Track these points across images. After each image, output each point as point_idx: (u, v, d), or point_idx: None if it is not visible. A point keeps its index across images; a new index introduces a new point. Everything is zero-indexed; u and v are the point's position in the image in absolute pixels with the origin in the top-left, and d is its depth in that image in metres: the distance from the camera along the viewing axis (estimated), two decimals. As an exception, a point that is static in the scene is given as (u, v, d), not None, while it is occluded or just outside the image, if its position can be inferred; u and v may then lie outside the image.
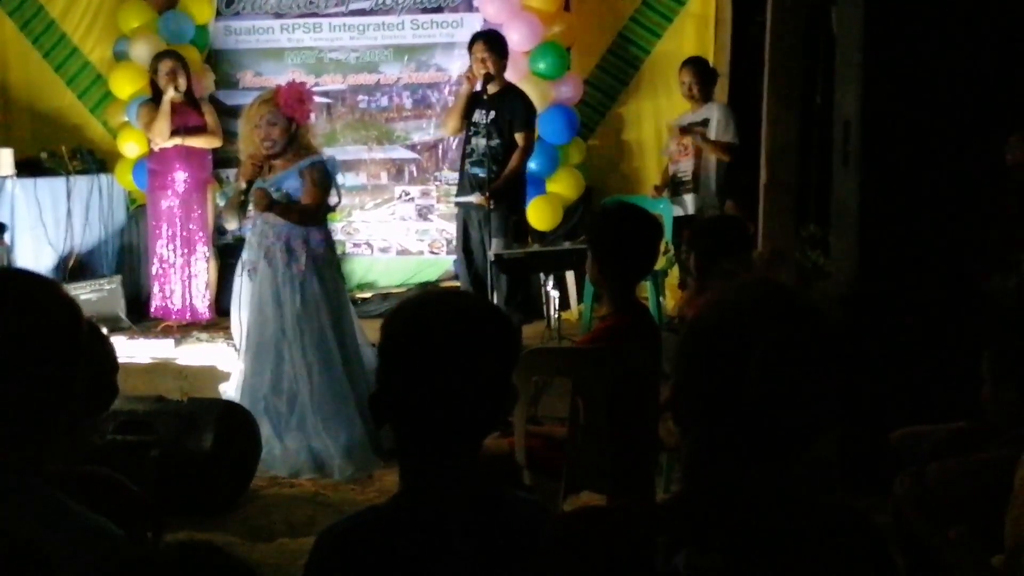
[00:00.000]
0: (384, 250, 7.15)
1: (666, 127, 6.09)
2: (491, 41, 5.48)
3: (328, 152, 5.15)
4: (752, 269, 3.12)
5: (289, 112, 4.55)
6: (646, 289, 5.40)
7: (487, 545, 1.33)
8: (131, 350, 5.72)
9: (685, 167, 5.87)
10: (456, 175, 6.82)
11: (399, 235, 7.12)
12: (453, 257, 6.86)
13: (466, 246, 5.64)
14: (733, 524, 1.18)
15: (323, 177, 4.60)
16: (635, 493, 2.83)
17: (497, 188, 5.34)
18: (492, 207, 5.34)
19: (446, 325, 1.38)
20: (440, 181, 7.04)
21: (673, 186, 5.95)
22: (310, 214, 4.58)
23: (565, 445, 2.84)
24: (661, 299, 5.59)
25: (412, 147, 7.09)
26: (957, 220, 3.78)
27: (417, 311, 1.42)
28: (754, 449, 1.19)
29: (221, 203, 6.22)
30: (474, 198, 5.42)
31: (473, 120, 5.47)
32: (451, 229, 6.83)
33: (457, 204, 5.76)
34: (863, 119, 3.69)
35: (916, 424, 3.00)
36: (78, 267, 6.61)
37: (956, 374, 3.09)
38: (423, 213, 7.10)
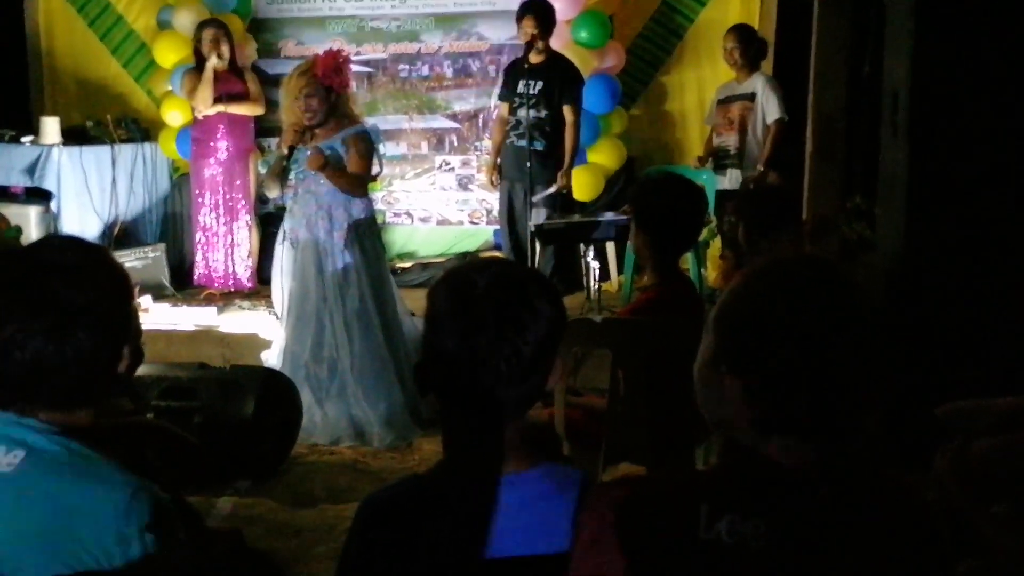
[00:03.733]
0: (424, 220, 7.15)
1: (716, 94, 5.98)
2: (541, 15, 5.42)
3: (372, 122, 5.15)
4: (799, 241, 3.08)
5: (327, 81, 4.55)
6: (687, 261, 5.36)
7: (531, 515, 1.33)
8: (174, 317, 5.79)
9: (729, 141, 5.77)
10: (497, 145, 6.82)
11: (439, 205, 7.12)
12: (493, 227, 6.86)
13: (510, 217, 5.62)
14: (775, 492, 1.18)
15: (367, 146, 4.61)
16: (674, 465, 2.82)
17: (569, 170, 5.35)
18: (566, 187, 5.34)
19: (493, 293, 1.37)
20: (481, 151, 7.01)
21: (717, 159, 5.87)
22: (357, 182, 4.61)
23: (605, 416, 2.84)
24: (703, 270, 5.54)
25: (453, 116, 7.07)
26: (1007, 193, 3.69)
27: (464, 279, 1.41)
28: (788, 424, 1.19)
29: (263, 171, 6.26)
30: (552, 189, 5.38)
31: (518, 91, 5.41)
32: (491, 199, 6.82)
33: (501, 175, 5.72)
34: (913, 88, 3.61)
35: (962, 399, 2.95)
36: (123, 235, 6.68)
37: (1003, 349, 3.04)
38: (463, 183, 7.09)
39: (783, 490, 1.18)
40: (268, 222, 6.59)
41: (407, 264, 6.85)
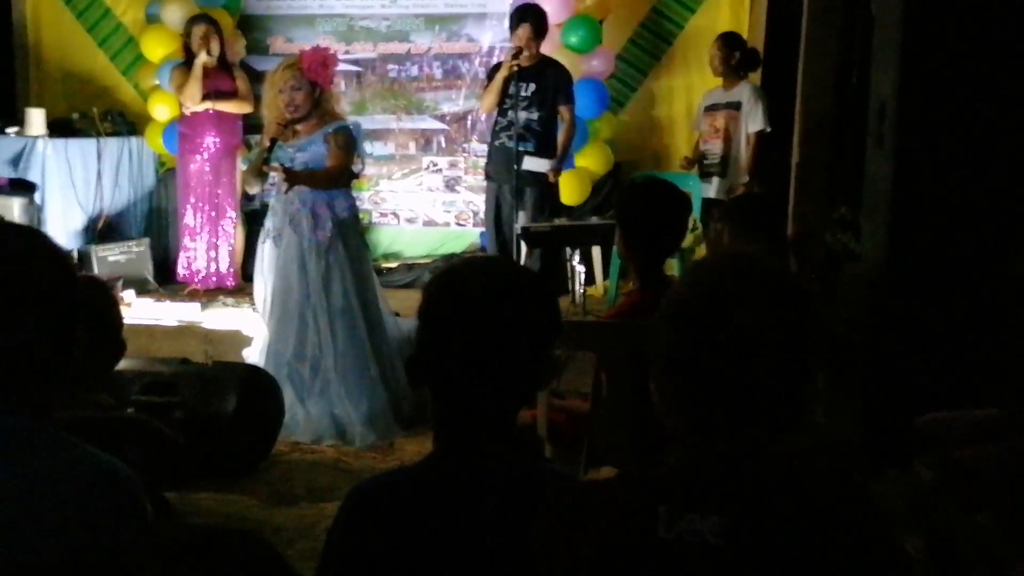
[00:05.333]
0: (411, 220, 7.15)
1: (703, 99, 6.00)
2: (536, 22, 5.43)
3: (355, 119, 5.14)
4: (782, 249, 3.09)
5: (312, 76, 4.54)
6: (672, 267, 5.37)
7: (515, 512, 1.33)
8: (157, 312, 5.77)
9: (714, 150, 5.79)
10: (484, 147, 6.82)
11: (426, 206, 7.12)
12: (479, 229, 6.86)
13: (497, 219, 5.62)
14: (732, 489, 1.20)
15: (347, 141, 4.60)
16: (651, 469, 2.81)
17: (560, 167, 5.36)
18: (555, 180, 5.34)
19: (488, 291, 1.38)
20: (468, 153, 7.02)
21: (702, 166, 5.89)
22: (335, 177, 4.59)
23: (587, 420, 2.84)
24: (687, 277, 5.55)
25: (441, 118, 7.06)
26: (990, 205, 3.72)
27: (460, 275, 1.42)
28: (732, 414, 1.22)
29: (244, 167, 6.24)
30: (543, 166, 5.36)
31: (508, 92, 5.42)
32: (478, 201, 6.82)
33: (488, 177, 5.73)
34: (900, 99, 3.63)
35: (943, 409, 2.97)
36: (107, 229, 6.65)
37: (986, 359, 3.05)
38: (450, 184, 7.09)
39: (739, 486, 1.20)
40: (254, 219, 6.56)
41: (392, 264, 6.84)
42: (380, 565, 1.33)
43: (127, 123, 6.90)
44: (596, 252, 6.15)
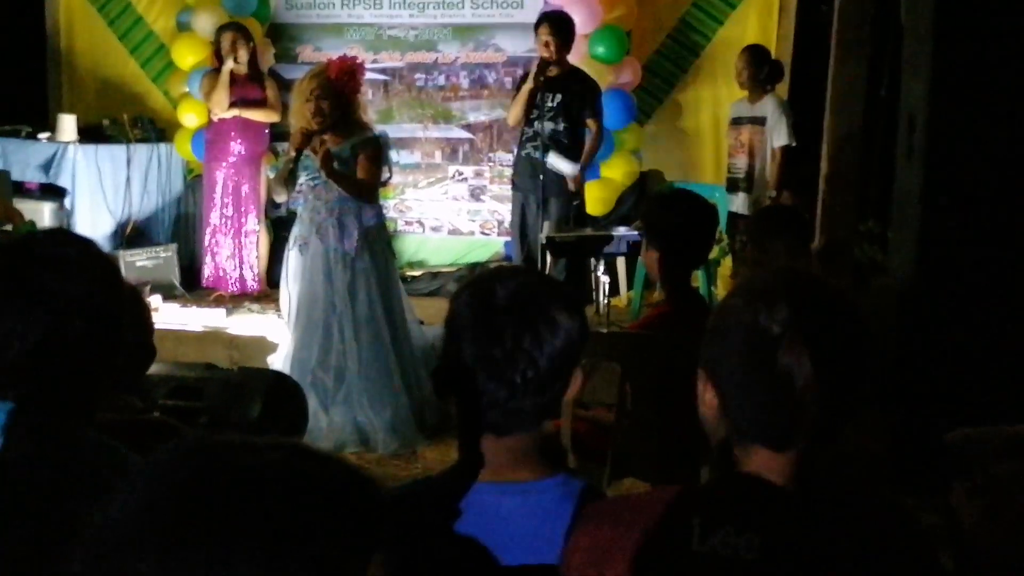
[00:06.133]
0: (436, 229, 7.16)
1: (730, 111, 5.98)
2: (557, 24, 5.40)
3: (382, 128, 5.16)
4: (803, 258, 3.07)
5: (340, 86, 4.55)
6: (697, 279, 5.35)
7: (541, 523, 1.33)
8: (183, 318, 5.80)
9: (740, 164, 5.77)
10: (509, 156, 6.82)
11: (451, 215, 7.13)
12: (504, 238, 6.86)
13: (522, 229, 5.61)
14: (768, 507, 1.19)
15: (376, 153, 4.61)
16: (679, 482, 2.80)
17: (584, 174, 5.35)
18: (575, 188, 5.31)
19: (514, 303, 1.37)
20: (494, 162, 7.03)
21: (729, 180, 5.86)
22: (365, 188, 4.60)
23: (611, 431, 2.82)
24: (713, 289, 5.53)
25: (467, 127, 7.08)
26: (1021, 219, 3.68)
27: (486, 287, 1.42)
28: (775, 433, 1.20)
29: (271, 176, 6.27)
30: (567, 168, 5.35)
31: (535, 103, 5.40)
32: (503, 210, 6.82)
33: (514, 186, 5.72)
34: (930, 112, 3.60)
35: (971, 425, 2.93)
36: (135, 234, 6.70)
37: (1017, 373, 3.02)
38: (476, 194, 7.10)
39: (776, 505, 1.19)
40: (280, 226, 6.60)
41: (417, 273, 6.85)
42: None
43: (156, 130, 6.96)
44: (621, 263, 6.13)
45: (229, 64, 6.14)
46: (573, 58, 5.80)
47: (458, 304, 1.43)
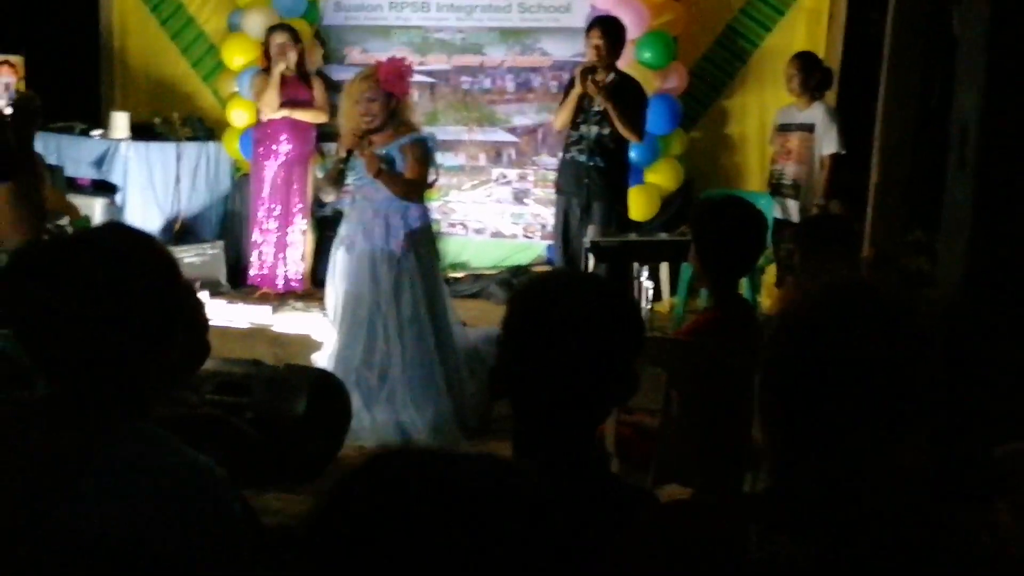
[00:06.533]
0: (479, 231, 7.19)
1: (776, 117, 5.95)
2: (608, 28, 5.40)
3: (430, 131, 5.19)
4: (858, 270, 3.05)
5: (389, 87, 4.59)
6: (742, 286, 5.32)
7: (594, 528, 1.33)
8: (230, 314, 5.88)
9: (788, 171, 5.72)
10: (553, 160, 6.83)
11: (494, 217, 7.16)
12: (546, 242, 6.88)
13: (566, 233, 5.62)
14: (827, 517, 1.18)
15: (424, 153, 4.64)
16: (724, 489, 2.80)
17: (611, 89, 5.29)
18: (604, 90, 5.25)
19: (575, 304, 1.38)
20: (538, 166, 7.05)
21: (774, 187, 5.83)
22: (413, 188, 4.63)
23: (656, 436, 2.82)
24: (758, 297, 5.50)
25: (512, 130, 7.10)
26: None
27: (548, 288, 1.43)
28: (834, 440, 1.19)
29: (320, 175, 6.33)
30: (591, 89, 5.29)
31: (582, 107, 5.42)
32: (545, 214, 6.84)
33: (559, 190, 5.73)
34: (983, 122, 3.56)
35: (1020, 440, 2.90)
36: (183, 231, 6.80)
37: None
38: (519, 197, 7.12)
39: (834, 515, 1.18)
40: (325, 226, 6.66)
41: (459, 275, 6.88)
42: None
43: (206, 128, 7.06)
44: (664, 269, 6.12)
45: (281, 67, 6.21)
46: (620, 63, 5.80)
47: (517, 306, 1.44)
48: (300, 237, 6.66)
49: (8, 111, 2.30)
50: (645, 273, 5.49)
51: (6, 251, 2.31)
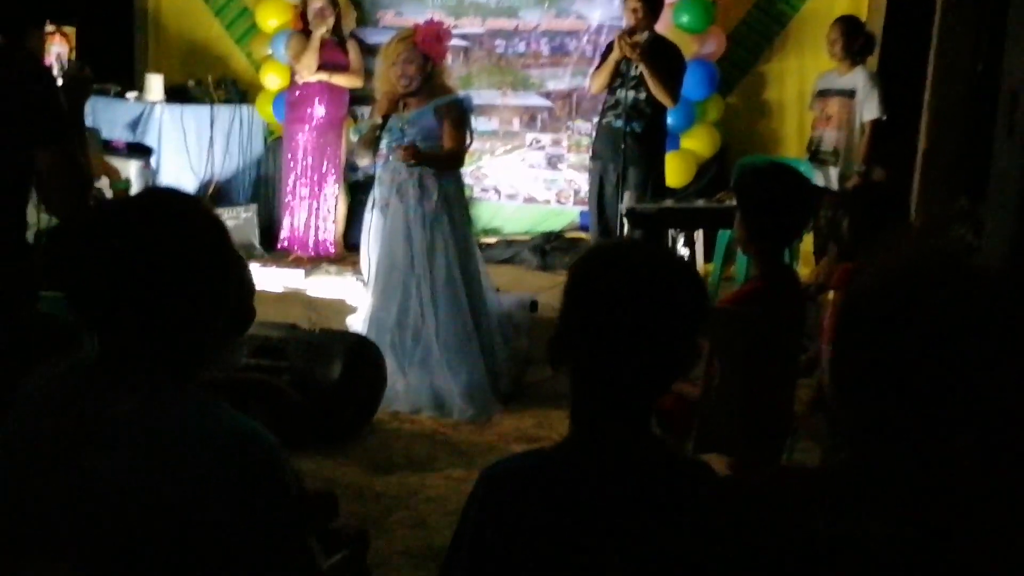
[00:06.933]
0: (511, 197, 7.15)
1: (816, 82, 5.84)
2: None
3: (465, 92, 5.14)
4: (908, 239, 2.99)
5: (426, 50, 4.56)
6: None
7: (652, 500, 1.32)
8: (263, 278, 5.89)
9: (827, 137, 5.62)
10: (588, 125, 6.77)
11: (527, 183, 7.11)
12: (579, 208, 6.83)
13: (600, 199, 5.57)
14: (900, 492, 1.17)
15: (461, 117, 4.62)
16: (762, 460, 2.78)
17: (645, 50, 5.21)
18: (640, 50, 5.18)
19: (641, 273, 1.36)
20: (572, 131, 6.98)
21: (812, 153, 5.73)
22: (455, 159, 4.64)
23: (697, 405, 2.80)
24: (795, 266, 5.43)
25: (546, 95, 7.03)
26: None
27: (612, 256, 1.41)
28: (911, 417, 1.17)
29: (354, 139, 6.30)
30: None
31: (619, 71, 5.35)
32: (579, 180, 6.78)
33: (594, 155, 5.68)
34: (1035, 89, 3.47)
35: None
36: (216, 194, 6.81)
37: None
38: (552, 162, 7.06)
39: (905, 492, 1.17)
40: (357, 190, 6.65)
41: (491, 240, 6.85)
42: (515, 548, 1.32)
43: (239, 91, 7.04)
44: (699, 236, 6.06)
45: (322, 30, 6.16)
46: (657, 27, 5.71)
47: (581, 273, 1.42)
48: (333, 201, 6.65)
49: (60, 81, 2.31)
50: (681, 240, 5.44)
51: (56, 214, 2.32)
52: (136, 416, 1.38)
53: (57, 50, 5.78)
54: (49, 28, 5.66)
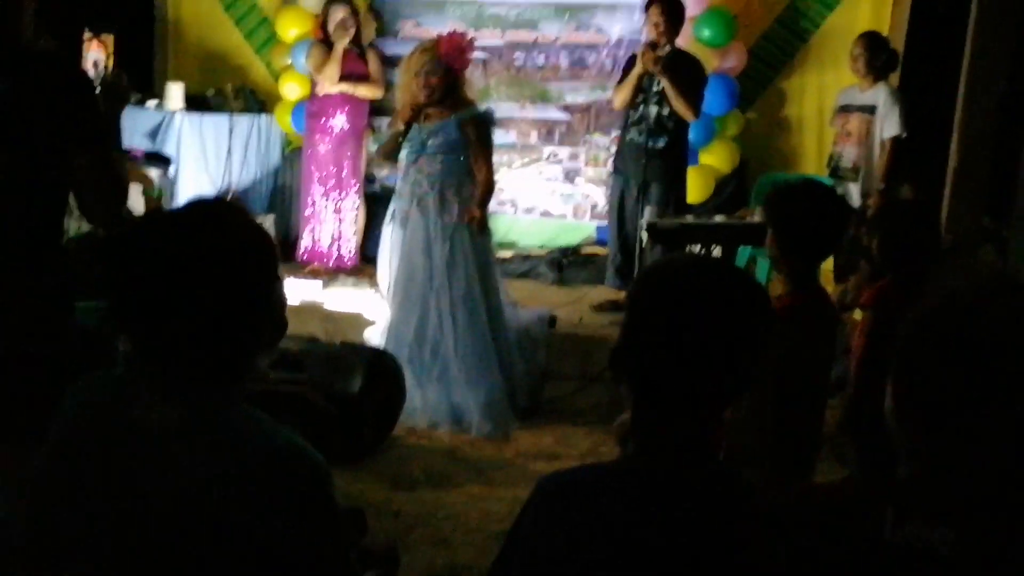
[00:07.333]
0: (528, 210, 7.12)
1: (838, 98, 5.81)
2: (668, 5, 5.30)
3: (488, 106, 5.14)
4: (939, 258, 2.96)
5: (449, 61, 4.57)
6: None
7: (712, 518, 1.29)
8: (281, 289, 5.86)
9: (847, 154, 5.58)
10: (606, 139, 6.75)
11: (544, 196, 7.08)
12: (595, 223, 6.80)
13: (620, 213, 5.55)
14: (966, 503, 1.16)
15: (485, 133, 4.64)
16: (794, 476, 2.75)
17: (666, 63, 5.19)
18: (662, 62, 5.16)
19: (709, 288, 1.34)
20: (590, 144, 6.96)
21: (832, 169, 5.70)
22: (492, 184, 4.72)
23: (726, 422, 2.77)
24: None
25: (565, 108, 7.01)
26: None
27: (680, 270, 1.39)
28: (974, 428, 1.15)
29: (373, 150, 6.29)
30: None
31: (642, 86, 5.33)
32: (595, 194, 6.76)
33: (616, 170, 5.66)
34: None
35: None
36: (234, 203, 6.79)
37: None
38: (570, 176, 7.04)
39: (974, 501, 1.16)
40: (374, 201, 6.63)
41: (508, 254, 6.83)
42: (568, 560, 1.30)
43: (258, 101, 7.04)
44: (717, 252, 6.02)
45: (344, 41, 6.12)
46: (679, 41, 5.70)
47: (648, 286, 1.40)
48: (353, 213, 6.63)
49: (98, 90, 2.30)
50: (701, 256, 5.40)
51: (95, 222, 2.31)
52: (184, 426, 1.38)
53: (95, 57, 5.79)
54: (87, 35, 5.68)
